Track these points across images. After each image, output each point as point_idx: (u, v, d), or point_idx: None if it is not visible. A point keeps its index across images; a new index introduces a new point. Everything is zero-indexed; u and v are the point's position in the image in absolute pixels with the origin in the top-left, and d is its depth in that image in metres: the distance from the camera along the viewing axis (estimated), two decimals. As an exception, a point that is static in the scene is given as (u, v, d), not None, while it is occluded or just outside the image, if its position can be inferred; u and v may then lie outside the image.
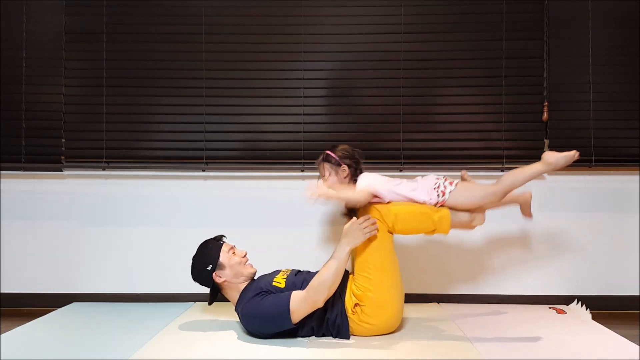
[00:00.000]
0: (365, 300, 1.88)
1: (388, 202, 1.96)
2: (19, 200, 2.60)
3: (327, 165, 2.05)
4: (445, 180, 1.97)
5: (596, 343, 1.89)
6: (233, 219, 2.58)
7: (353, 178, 2.03)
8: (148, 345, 1.83)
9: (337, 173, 2.03)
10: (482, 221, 2.01)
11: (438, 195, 1.94)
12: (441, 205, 1.95)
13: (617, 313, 2.45)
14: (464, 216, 1.97)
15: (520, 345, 1.85)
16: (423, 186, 1.98)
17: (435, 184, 1.96)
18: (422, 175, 2.04)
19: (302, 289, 1.90)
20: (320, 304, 1.83)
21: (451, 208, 1.95)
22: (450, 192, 1.93)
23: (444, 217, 1.92)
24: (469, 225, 2.01)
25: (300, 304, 1.81)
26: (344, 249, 1.85)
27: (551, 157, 1.89)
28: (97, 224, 2.60)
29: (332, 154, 2.04)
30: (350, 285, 1.93)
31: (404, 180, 2.01)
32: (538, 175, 1.96)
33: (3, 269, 2.59)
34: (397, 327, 2.01)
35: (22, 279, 2.58)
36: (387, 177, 2.03)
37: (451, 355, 1.73)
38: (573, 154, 1.87)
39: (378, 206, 1.93)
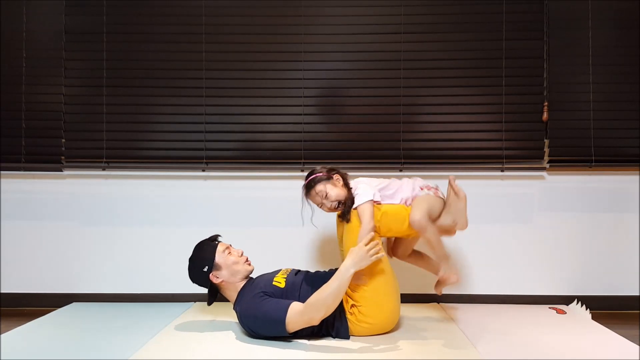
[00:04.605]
0: (361, 300, 1.89)
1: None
2: (19, 200, 2.60)
3: (321, 186, 2.00)
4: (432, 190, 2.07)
5: (596, 343, 1.89)
6: (233, 219, 2.58)
7: (345, 182, 2.05)
8: (148, 345, 1.83)
9: (334, 185, 2.01)
10: (464, 225, 2.04)
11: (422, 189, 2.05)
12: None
13: (617, 313, 2.45)
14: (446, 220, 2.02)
15: (520, 345, 1.85)
16: (409, 184, 2.07)
17: (427, 186, 2.07)
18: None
19: (302, 290, 1.91)
20: (316, 322, 1.80)
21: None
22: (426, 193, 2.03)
23: None
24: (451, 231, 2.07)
25: (297, 317, 1.79)
26: (349, 270, 1.80)
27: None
28: (97, 224, 2.60)
29: (319, 174, 2.03)
30: None
31: (392, 182, 2.09)
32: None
33: (3, 269, 2.59)
34: (395, 325, 2.02)
35: (22, 279, 2.58)
36: (377, 181, 2.07)
37: (451, 355, 1.73)
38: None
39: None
